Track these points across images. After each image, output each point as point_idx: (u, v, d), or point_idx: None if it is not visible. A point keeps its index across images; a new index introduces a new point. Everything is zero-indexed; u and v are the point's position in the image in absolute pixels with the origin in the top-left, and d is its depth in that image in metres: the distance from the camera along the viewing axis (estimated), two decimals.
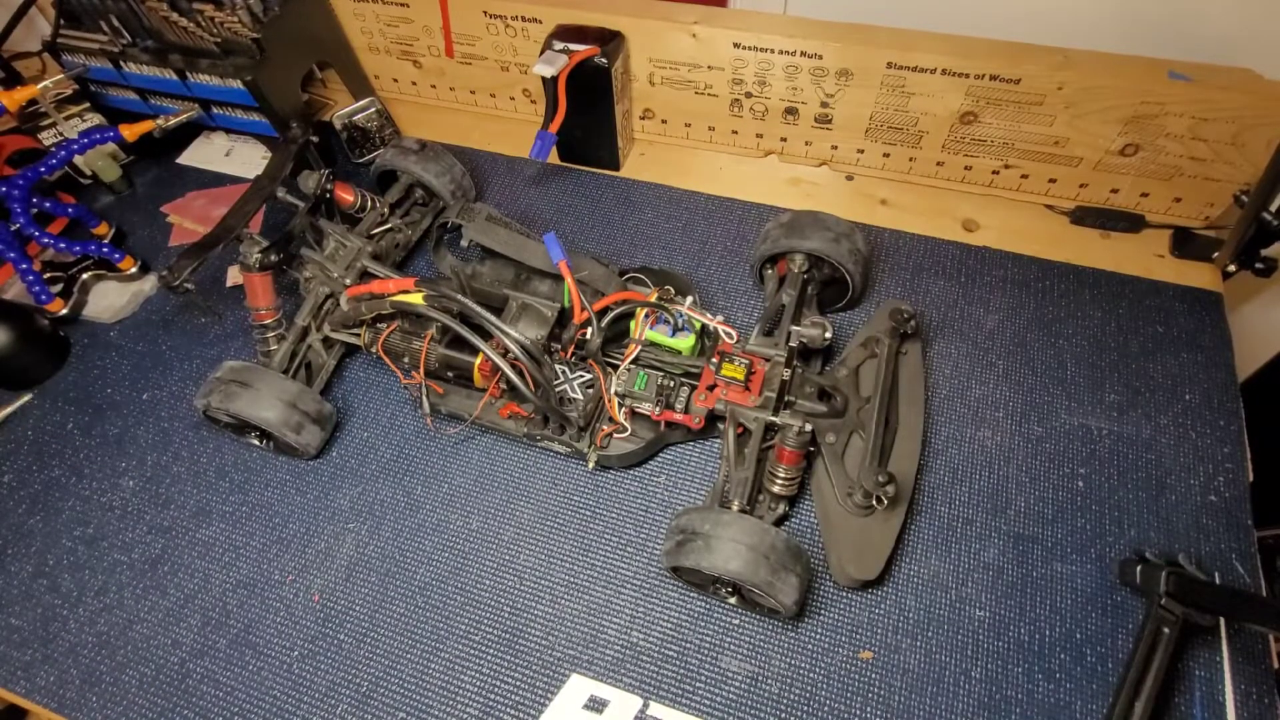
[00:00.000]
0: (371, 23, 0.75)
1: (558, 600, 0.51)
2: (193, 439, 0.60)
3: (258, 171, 0.64)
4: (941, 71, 0.61)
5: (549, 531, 0.54)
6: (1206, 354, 0.59)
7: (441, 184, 0.66)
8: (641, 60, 0.69)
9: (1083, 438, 0.55)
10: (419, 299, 0.52)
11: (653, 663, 0.48)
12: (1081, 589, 0.49)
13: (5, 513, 0.57)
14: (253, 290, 0.57)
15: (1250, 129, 0.57)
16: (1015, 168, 0.67)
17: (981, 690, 0.46)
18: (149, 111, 0.72)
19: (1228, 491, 0.52)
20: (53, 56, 0.70)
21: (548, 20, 0.67)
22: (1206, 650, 0.46)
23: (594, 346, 0.53)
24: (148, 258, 0.70)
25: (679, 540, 0.45)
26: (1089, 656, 0.47)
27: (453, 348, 0.54)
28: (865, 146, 0.70)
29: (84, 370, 0.65)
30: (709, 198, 0.72)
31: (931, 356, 0.60)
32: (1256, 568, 0.49)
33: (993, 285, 0.64)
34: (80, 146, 0.67)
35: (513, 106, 0.79)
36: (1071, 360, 0.59)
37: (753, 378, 0.52)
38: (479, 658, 0.49)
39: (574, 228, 0.71)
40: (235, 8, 0.63)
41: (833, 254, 0.56)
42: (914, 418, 0.53)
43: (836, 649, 0.48)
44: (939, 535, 0.52)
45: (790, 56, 0.64)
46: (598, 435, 0.54)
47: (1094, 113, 0.60)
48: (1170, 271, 0.63)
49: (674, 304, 0.55)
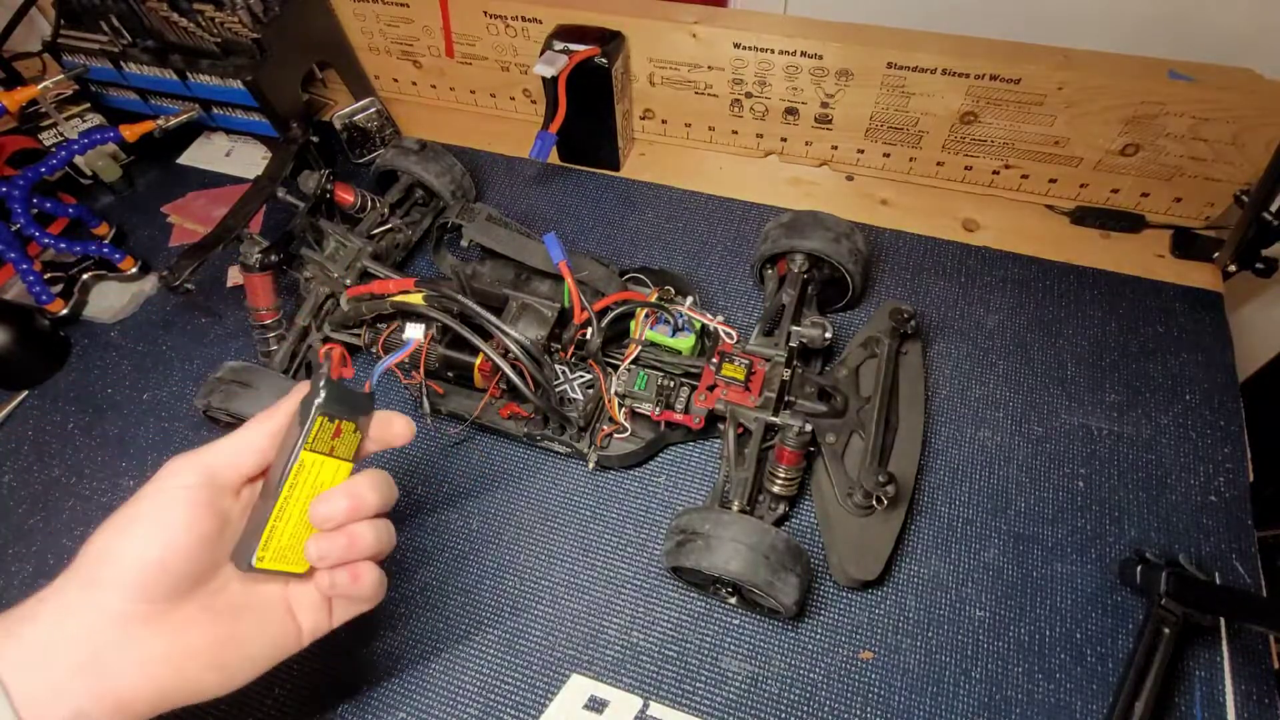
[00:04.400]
0: (371, 23, 0.75)
1: (558, 600, 0.51)
2: (193, 439, 0.60)
3: (258, 171, 0.64)
4: (942, 71, 0.61)
5: (549, 531, 0.54)
6: (1206, 354, 0.59)
7: (441, 184, 0.66)
8: (641, 60, 0.69)
9: (1083, 438, 0.55)
10: (419, 299, 0.52)
11: (653, 663, 0.48)
12: (1081, 589, 0.49)
13: (5, 513, 0.57)
14: (253, 290, 0.57)
15: (1250, 129, 0.57)
16: (1015, 168, 0.67)
17: (981, 690, 0.46)
18: (149, 112, 0.72)
19: (1228, 491, 0.52)
20: (53, 57, 0.70)
21: (548, 20, 0.67)
22: (1206, 650, 0.46)
23: (594, 346, 0.53)
24: (148, 258, 0.70)
25: (679, 540, 0.46)
26: (1089, 656, 0.47)
27: (453, 348, 0.54)
28: (865, 146, 0.70)
29: (84, 370, 0.65)
30: (709, 198, 0.72)
31: (931, 356, 0.60)
32: (1256, 568, 0.49)
33: (993, 285, 0.64)
34: (80, 147, 0.67)
35: (513, 106, 0.79)
36: (1071, 360, 0.59)
37: (753, 378, 0.52)
38: (479, 658, 0.49)
39: (574, 228, 0.71)
40: (235, 8, 0.63)
41: (833, 254, 0.56)
42: (914, 418, 0.53)
43: (837, 649, 0.48)
44: (939, 535, 0.52)
45: (790, 56, 0.64)
46: (598, 435, 0.54)
47: (1094, 113, 0.60)
48: (1170, 271, 0.63)
49: (674, 304, 0.55)
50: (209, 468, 0.32)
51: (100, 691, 0.28)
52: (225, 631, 0.32)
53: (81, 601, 0.29)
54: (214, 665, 0.31)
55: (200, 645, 0.31)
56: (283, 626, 0.34)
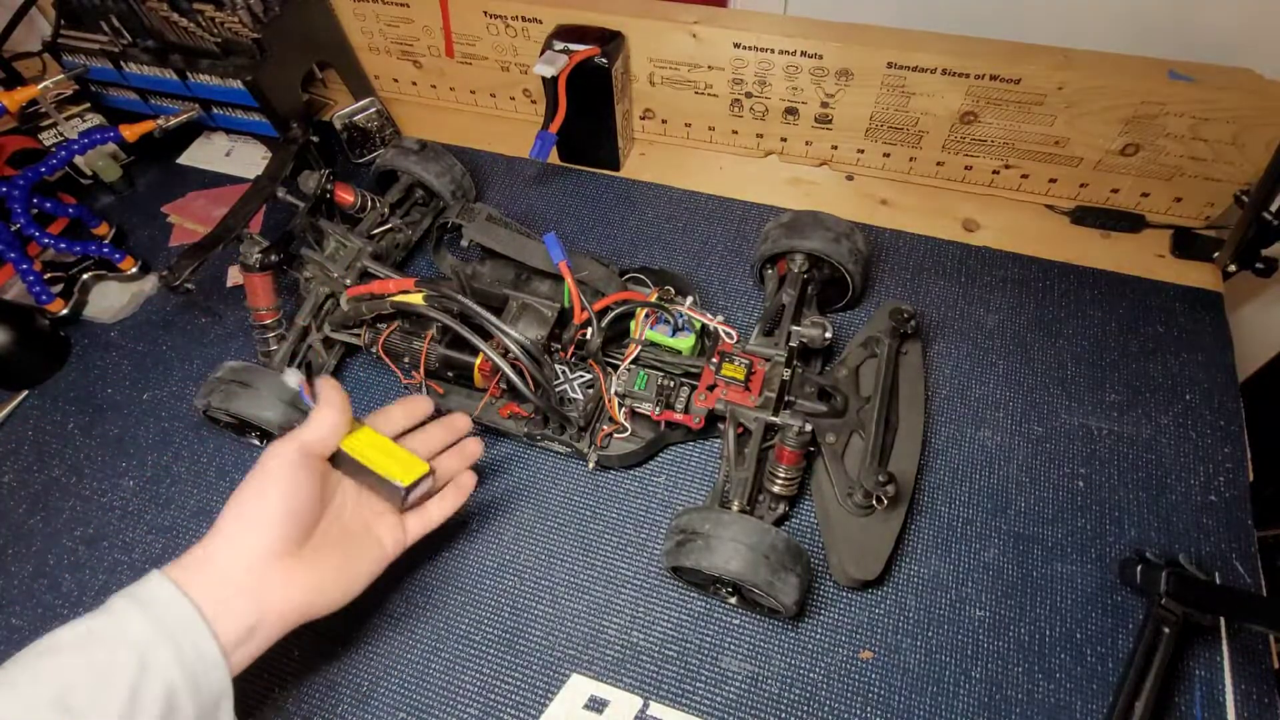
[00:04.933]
0: (371, 23, 0.75)
1: (558, 600, 0.51)
2: (193, 439, 0.60)
3: (258, 171, 0.64)
4: (942, 71, 0.61)
5: (549, 531, 0.54)
6: (1206, 354, 0.59)
7: (441, 184, 0.66)
8: (641, 60, 0.69)
9: (1083, 438, 0.55)
10: (419, 299, 0.52)
11: (653, 663, 0.48)
12: (1081, 589, 0.49)
13: (5, 513, 0.57)
14: (253, 290, 0.57)
15: (1250, 129, 0.57)
16: (1015, 168, 0.67)
17: (981, 690, 0.46)
18: (149, 112, 0.72)
19: (1228, 491, 0.52)
20: (53, 57, 0.70)
21: (548, 20, 0.67)
22: (1206, 650, 0.46)
23: (594, 346, 0.53)
24: (148, 258, 0.70)
25: (679, 540, 0.46)
26: (1089, 656, 0.47)
27: (453, 348, 0.54)
28: (865, 146, 0.70)
29: (84, 370, 0.65)
30: (709, 198, 0.72)
31: (931, 356, 0.60)
32: (1256, 568, 0.49)
33: (993, 285, 0.64)
34: (81, 147, 0.67)
35: (513, 106, 0.79)
36: (1071, 360, 0.59)
37: (753, 378, 0.52)
38: (479, 658, 0.49)
39: (574, 228, 0.71)
40: (235, 8, 0.63)
41: (833, 254, 0.56)
42: (914, 418, 0.53)
43: (837, 649, 0.48)
44: (939, 535, 0.52)
45: (790, 56, 0.64)
46: (598, 435, 0.54)
47: (1094, 113, 0.60)
48: (1170, 271, 0.63)
49: (674, 304, 0.55)
50: (304, 445, 0.41)
51: (263, 608, 0.38)
52: (340, 556, 0.42)
53: (238, 546, 0.39)
54: (339, 582, 0.42)
55: (327, 568, 0.41)
56: (377, 548, 0.44)
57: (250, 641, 0.38)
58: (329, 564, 0.41)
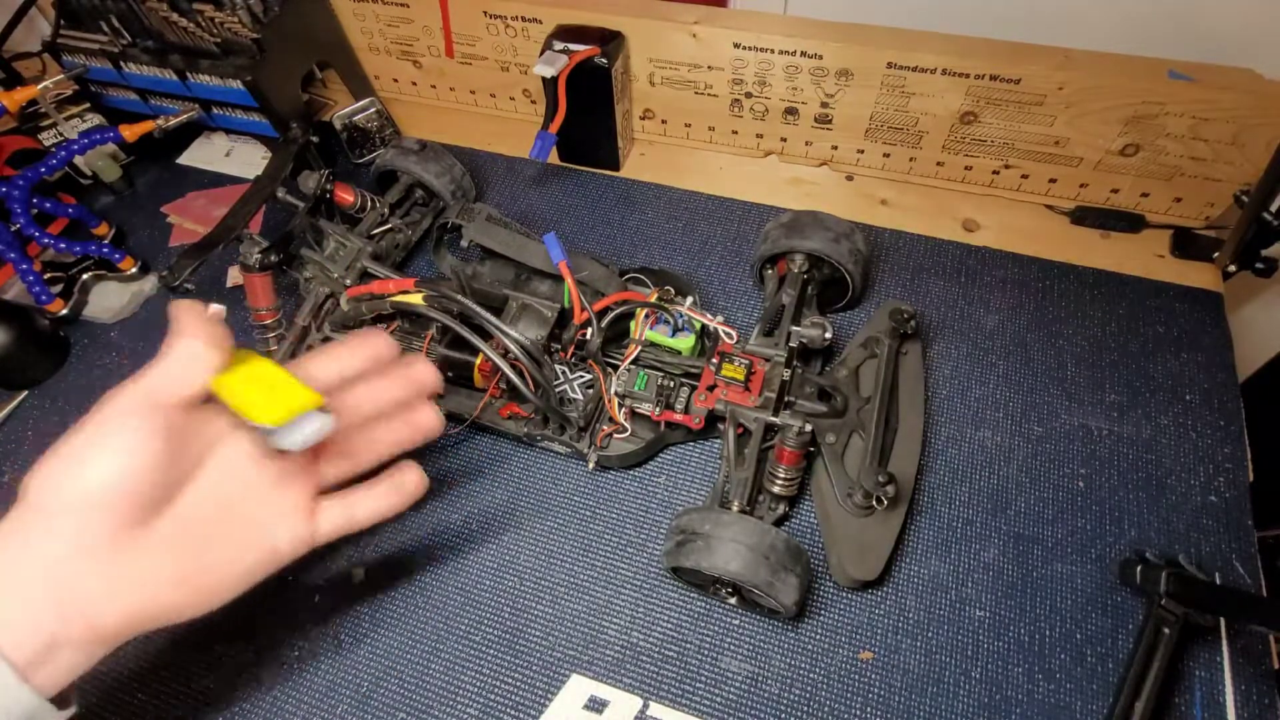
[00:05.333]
0: (371, 23, 0.75)
1: (558, 600, 0.51)
2: None
3: (258, 171, 0.64)
4: (941, 71, 0.61)
5: (549, 531, 0.54)
6: (1207, 354, 0.59)
7: (441, 184, 0.66)
8: (641, 60, 0.69)
9: (1083, 438, 0.55)
10: (419, 299, 0.52)
11: (653, 663, 0.48)
12: (1081, 589, 0.49)
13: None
14: (253, 290, 0.57)
15: (1250, 129, 0.57)
16: (1015, 168, 0.67)
17: (981, 690, 0.46)
18: (149, 112, 0.72)
19: (1228, 491, 0.52)
20: (53, 57, 0.70)
21: (548, 20, 0.67)
22: (1206, 650, 0.46)
23: (594, 347, 0.53)
24: (148, 258, 0.70)
25: (679, 540, 0.46)
26: (1089, 656, 0.47)
27: (453, 348, 0.54)
28: (865, 146, 0.70)
29: (84, 370, 0.65)
30: (709, 198, 0.72)
31: (931, 356, 0.60)
32: (1256, 568, 0.49)
33: (993, 285, 0.64)
34: (80, 147, 0.67)
35: (513, 106, 0.79)
36: (1071, 360, 0.59)
37: (753, 378, 0.52)
38: (479, 658, 0.49)
39: (574, 228, 0.71)
40: (235, 8, 0.63)
41: (833, 254, 0.56)
42: (914, 418, 0.53)
43: (837, 649, 0.48)
44: (939, 535, 0.52)
45: (790, 56, 0.64)
46: (598, 435, 0.54)
47: (1094, 113, 0.60)
48: (1170, 272, 0.63)
49: (674, 304, 0.55)
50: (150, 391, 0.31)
51: (69, 615, 0.28)
52: (201, 546, 0.31)
53: (41, 531, 0.29)
54: (196, 584, 0.31)
55: (178, 562, 0.30)
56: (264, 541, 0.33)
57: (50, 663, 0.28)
58: (183, 556, 0.31)
